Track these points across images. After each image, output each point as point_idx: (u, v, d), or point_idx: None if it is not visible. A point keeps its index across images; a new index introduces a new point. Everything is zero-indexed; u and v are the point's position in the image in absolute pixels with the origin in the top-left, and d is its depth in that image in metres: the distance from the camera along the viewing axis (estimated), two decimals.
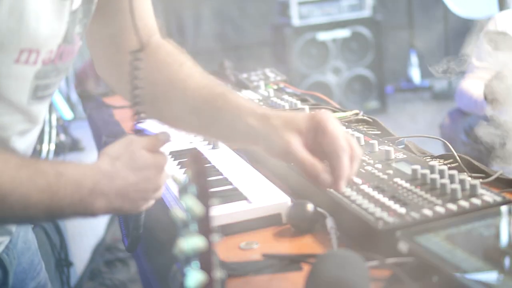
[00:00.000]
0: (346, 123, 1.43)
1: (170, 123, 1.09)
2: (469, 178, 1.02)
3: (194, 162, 0.61)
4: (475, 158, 1.23)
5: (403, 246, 0.84)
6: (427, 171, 1.06)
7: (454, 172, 1.05)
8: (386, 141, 1.28)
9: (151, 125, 1.82)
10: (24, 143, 1.02)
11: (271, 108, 0.99)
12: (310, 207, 1.05)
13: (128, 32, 1.06)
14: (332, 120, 0.92)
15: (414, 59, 5.47)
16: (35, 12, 0.88)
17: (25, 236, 1.19)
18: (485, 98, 2.53)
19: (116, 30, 1.11)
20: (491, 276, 0.75)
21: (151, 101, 1.06)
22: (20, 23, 0.87)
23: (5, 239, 1.09)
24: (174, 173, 0.86)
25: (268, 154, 0.96)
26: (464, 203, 0.96)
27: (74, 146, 3.27)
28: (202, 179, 0.61)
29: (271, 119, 0.94)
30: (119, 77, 1.11)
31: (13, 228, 1.12)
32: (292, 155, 0.91)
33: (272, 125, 0.93)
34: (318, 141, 0.92)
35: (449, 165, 1.16)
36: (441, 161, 1.19)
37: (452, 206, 0.95)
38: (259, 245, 1.02)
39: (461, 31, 5.18)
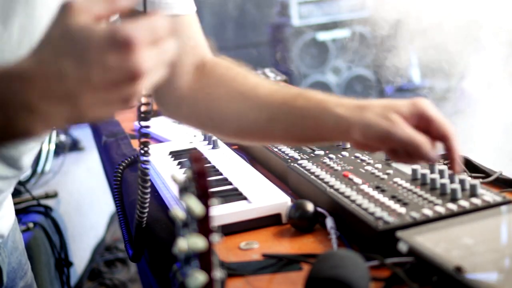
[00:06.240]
0: None
1: (246, 136, 1.05)
2: (469, 178, 1.02)
3: (194, 162, 0.61)
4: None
5: (403, 246, 0.84)
6: (427, 171, 1.06)
7: None
8: None
9: (158, 128, 1.82)
10: (30, 158, 1.05)
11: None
12: (310, 207, 1.05)
13: (187, 54, 1.04)
14: (433, 107, 0.92)
15: (414, 59, 5.46)
16: None
17: (13, 236, 1.19)
18: None
19: None
20: (492, 276, 0.75)
21: (221, 120, 1.03)
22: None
23: None
24: (174, 173, 0.86)
25: (363, 140, 0.91)
26: (464, 203, 0.96)
27: (74, 146, 3.27)
28: (202, 179, 0.60)
29: (367, 106, 0.91)
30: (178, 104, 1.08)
31: (6, 231, 1.13)
32: (399, 134, 0.88)
33: (370, 111, 0.90)
34: (420, 127, 0.91)
35: (449, 165, 1.16)
36: (441, 161, 1.19)
37: (452, 206, 0.95)
38: (259, 245, 1.02)
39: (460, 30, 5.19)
